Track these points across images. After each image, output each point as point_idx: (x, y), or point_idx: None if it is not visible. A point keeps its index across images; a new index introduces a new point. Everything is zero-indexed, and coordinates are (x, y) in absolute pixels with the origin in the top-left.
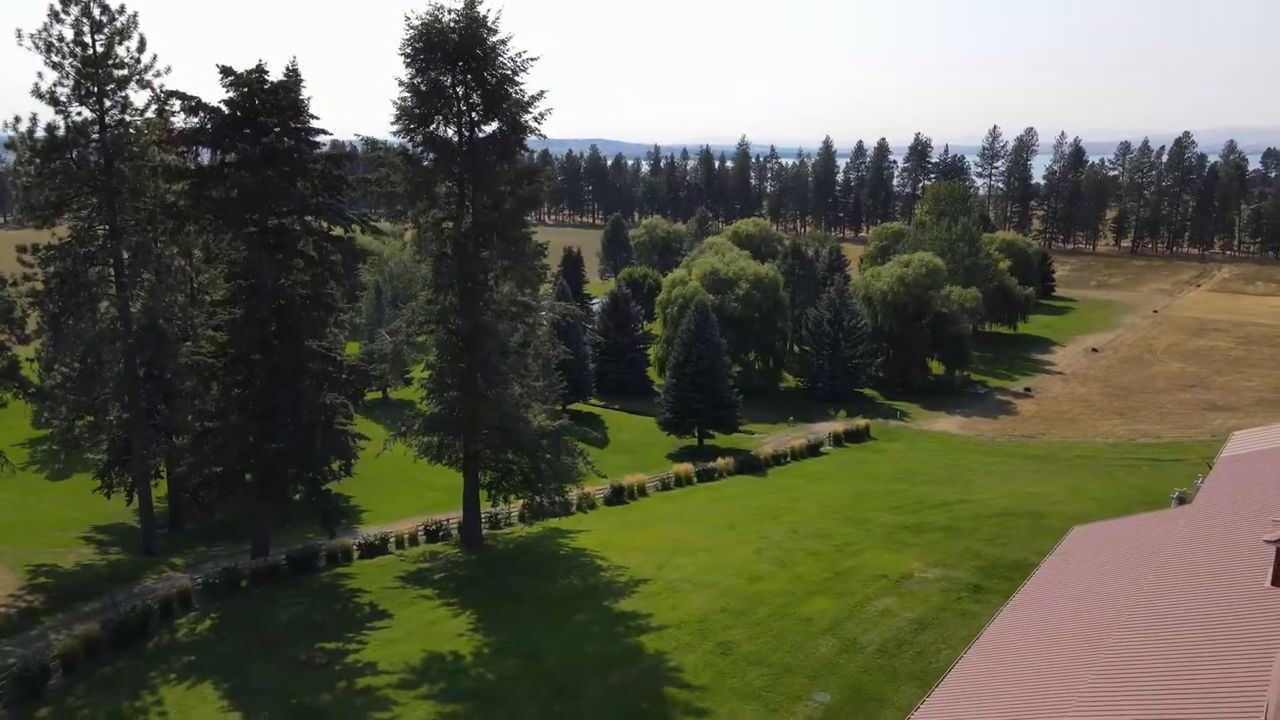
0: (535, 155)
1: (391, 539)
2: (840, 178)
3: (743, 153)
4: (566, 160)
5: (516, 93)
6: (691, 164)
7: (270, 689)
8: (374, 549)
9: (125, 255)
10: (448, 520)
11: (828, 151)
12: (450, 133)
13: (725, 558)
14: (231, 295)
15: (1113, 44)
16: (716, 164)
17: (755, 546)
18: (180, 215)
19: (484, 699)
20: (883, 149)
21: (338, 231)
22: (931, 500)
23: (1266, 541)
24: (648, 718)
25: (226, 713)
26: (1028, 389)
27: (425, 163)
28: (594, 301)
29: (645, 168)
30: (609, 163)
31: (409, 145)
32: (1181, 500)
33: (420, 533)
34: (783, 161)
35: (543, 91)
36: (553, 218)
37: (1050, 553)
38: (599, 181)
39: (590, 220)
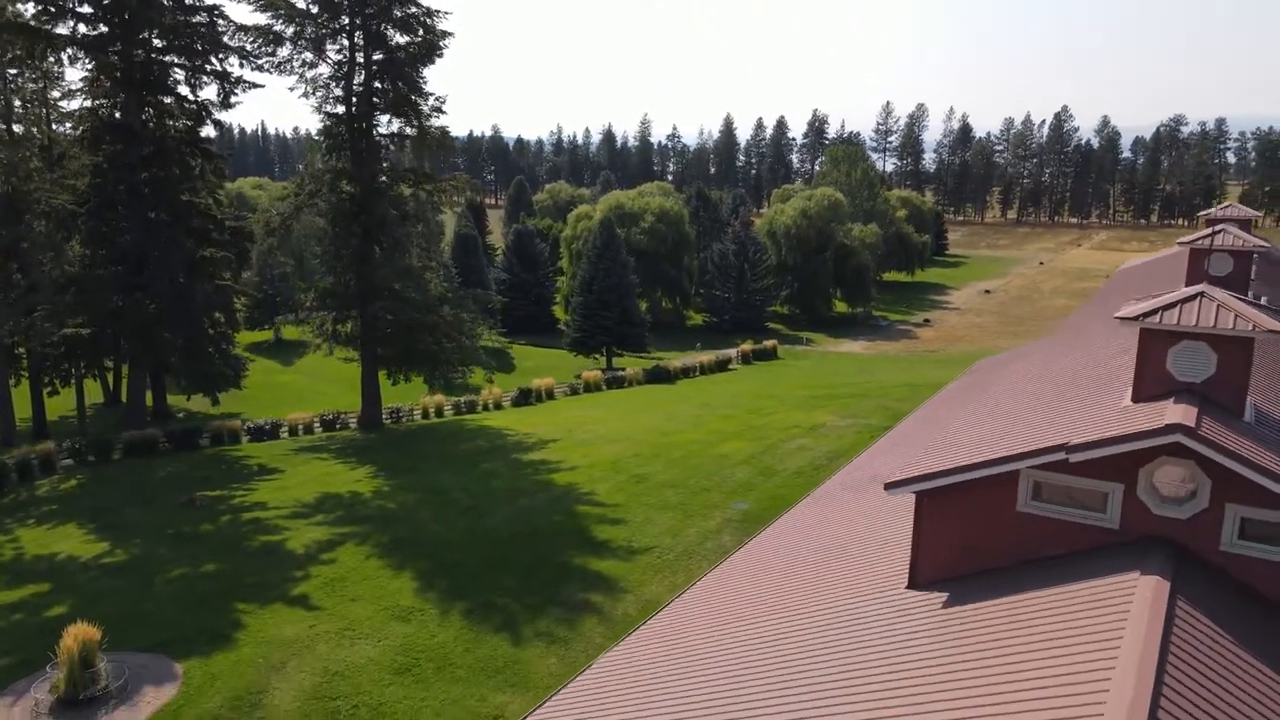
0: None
1: (285, 427)
2: (741, 157)
3: (644, 131)
4: (468, 140)
5: None
6: (594, 147)
7: (144, 525)
8: (264, 432)
9: None
10: (345, 414)
11: (728, 129)
12: None
13: (637, 424)
14: (94, 137)
15: (993, 43)
16: (619, 143)
17: (666, 415)
18: (31, 34)
19: (384, 521)
20: (782, 125)
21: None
22: (840, 382)
23: (1179, 243)
24: (560, 529)
25: (92, 544)
26: (927, 320)
27: (312, 8)
28: (498, 253)
29: (549, 148)
30: (511, 144)
31: None
32: None
33: (316, 423)
34: (685, 142)
35: None
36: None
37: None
38: (501, 161)
39: (493, 201)
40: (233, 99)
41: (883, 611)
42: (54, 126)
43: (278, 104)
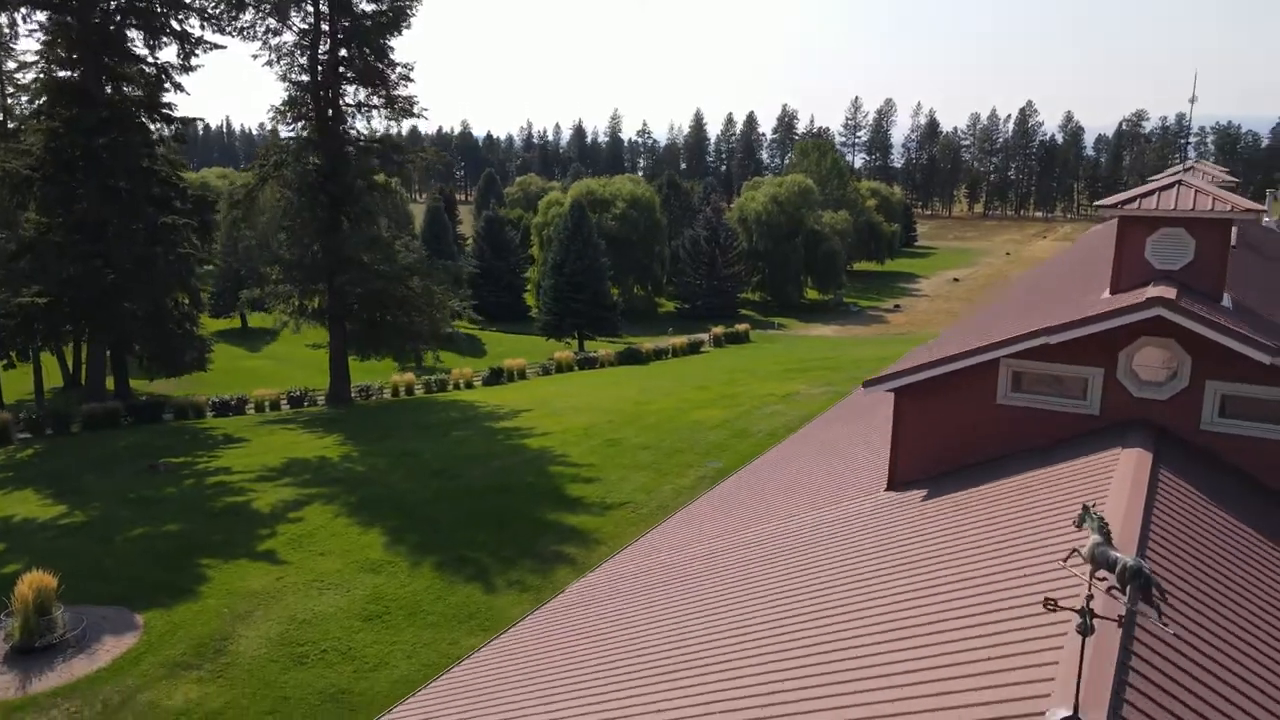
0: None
1: (250, 403)
2: (712, 152)
3: (615, 126)
4: (437, 137)
5: None
6: (564, 143)
7: (104, 490)
8: (229, 408)
9: None
10: (313, 391)
11: (699, 124)
12: None
13: (610, 395)
14: (50, 101)
15: (956, 44)
16: (590, 138)
17: (640, 388)
18: None
19: (353, 483)
20: (752, 120)
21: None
22: (813, 358)
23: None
24: (534, 488)
25: (50, 507)
26: (897, 306)
27: None
28: (469, 243)
29: (519, 144)
30: (481, 140)
31: None
32: None
33: (283, 399)
34: (655, 138)
35: None
36: (422, 196)
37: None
38: (471, 157)
39: (463, 197)
40: (193, 60)
41: (860, 511)
42: (8, 100)
43: (244, 99)
